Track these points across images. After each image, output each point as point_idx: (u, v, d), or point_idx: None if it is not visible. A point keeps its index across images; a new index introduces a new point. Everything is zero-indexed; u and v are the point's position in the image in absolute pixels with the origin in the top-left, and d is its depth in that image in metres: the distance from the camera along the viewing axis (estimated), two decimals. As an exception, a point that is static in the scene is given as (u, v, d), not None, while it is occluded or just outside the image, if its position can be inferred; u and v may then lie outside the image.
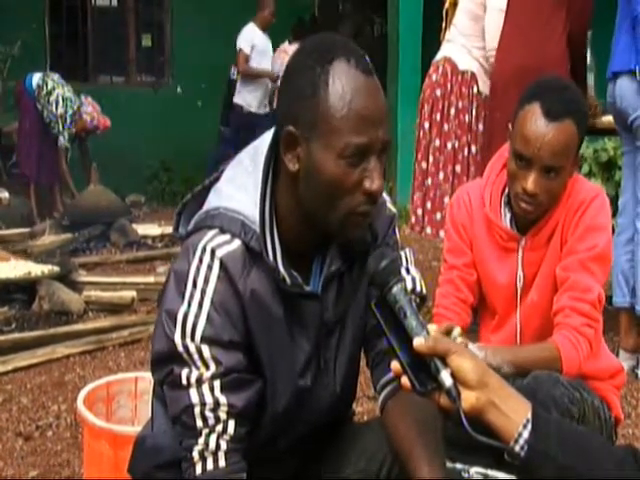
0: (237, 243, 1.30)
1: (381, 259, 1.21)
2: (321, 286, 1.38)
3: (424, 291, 1.48)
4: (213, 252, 1.29)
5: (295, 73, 1.28)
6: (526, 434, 1.10)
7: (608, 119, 3.49)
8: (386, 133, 1.26)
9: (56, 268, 4.37)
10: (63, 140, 6.41)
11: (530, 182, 1.80)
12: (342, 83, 1.22)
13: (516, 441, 1.10)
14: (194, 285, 1.28)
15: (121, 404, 2.31)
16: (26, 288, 4.17)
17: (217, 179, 1.41)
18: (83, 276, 4.65)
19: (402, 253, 1.47)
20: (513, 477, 1.51)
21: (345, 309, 1.41)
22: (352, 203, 1.26)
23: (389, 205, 1.48)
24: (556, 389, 1.71)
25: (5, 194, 6.45)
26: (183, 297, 1.29)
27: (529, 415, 1.11)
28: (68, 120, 6.41)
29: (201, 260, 1.29)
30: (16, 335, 3.70)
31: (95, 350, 3.66)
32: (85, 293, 4.27)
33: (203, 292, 1.28)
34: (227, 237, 1.30)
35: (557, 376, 1.75)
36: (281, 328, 1.34)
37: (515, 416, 1.11)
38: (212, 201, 1.36)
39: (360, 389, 2.92)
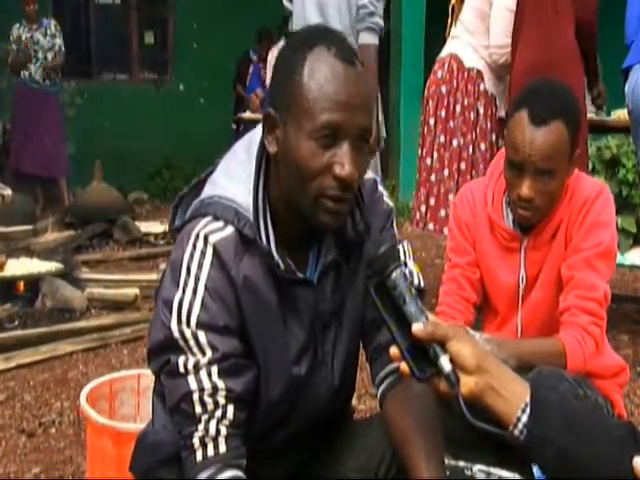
0: (230, 230, 1.30)
1: (380, 244, 1.20)
2: (317, 276, 1.38)
3: (422, 284, 1.47)
4: (206, 238, 1.29)
5: (280, 59, 1.32)
6: (525, 418, 1.09)
7: (611, 118, 3.48)
8: (363, 120, 1.26)
9: (59, 265, 4.38)
10: None
11: (525, 187, 1.80)
12: (317, 68, 1.24)
13: (515, 425, 1.10)
14: (188, 272, 1.29)
15: (124, 401, 2.31)
16: (29, 285, 4.18)
17: (213, 172, 1.42)
18: (86, 273, 4.65)
19: (400, 247, 1.47)
20: (516, 476, 1.51)
21: (342, 300, 1.41)
22: (321, 185, 1.25)
23: (386, 199, 1.48)
24: (560, 384, 1.71)
25: (7, 191, 6.45)
26: (178, 284, 1.29)
27: (527, 399, 1.10)
28: None
29: (194, 247, 1.30)
30: (19, 332, 3.70)
31: (98, 347, 3.65)
32: (88, 290, 4.27)
33: (197, 278, 1.28)
34: (220, 224, 1.31)
35: (561, 371, 1.75)
36: (274, 315, 1.34)
37: (514, 400, 1.11)
38: (207, 191, 1.38)
39: (363, 386, 2.94)
